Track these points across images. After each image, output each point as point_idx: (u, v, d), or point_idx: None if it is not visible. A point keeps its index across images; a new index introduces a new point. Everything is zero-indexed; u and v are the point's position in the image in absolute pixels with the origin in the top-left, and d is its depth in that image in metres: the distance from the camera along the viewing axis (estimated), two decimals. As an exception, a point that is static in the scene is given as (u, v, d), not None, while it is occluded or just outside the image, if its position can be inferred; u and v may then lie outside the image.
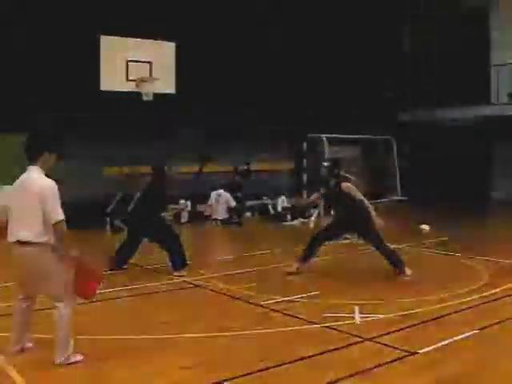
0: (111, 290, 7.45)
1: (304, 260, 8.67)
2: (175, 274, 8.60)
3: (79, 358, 4.91)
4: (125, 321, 6.28)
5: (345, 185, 8.44)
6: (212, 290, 7.70)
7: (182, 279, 8.32)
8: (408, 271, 8.45)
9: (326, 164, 8.73)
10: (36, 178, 4.83)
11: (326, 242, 9.00)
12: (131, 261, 9.18)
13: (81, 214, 11.58)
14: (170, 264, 8.80)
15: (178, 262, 8.73)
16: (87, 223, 12.91)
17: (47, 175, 4.93)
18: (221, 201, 15.54)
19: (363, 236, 8.78)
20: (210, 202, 15.82)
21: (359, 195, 8.36)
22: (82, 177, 14.04)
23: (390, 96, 19.44)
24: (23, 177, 4.93)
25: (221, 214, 15.50)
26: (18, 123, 12.62)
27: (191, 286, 8.01)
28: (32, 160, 4.90)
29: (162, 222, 9.12)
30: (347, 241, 10.68)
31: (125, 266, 9.01)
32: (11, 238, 4.87)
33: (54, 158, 5.00)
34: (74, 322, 4.92)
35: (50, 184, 4.81)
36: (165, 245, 8.91)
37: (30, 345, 5.18)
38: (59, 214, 4.74)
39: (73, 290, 4.94)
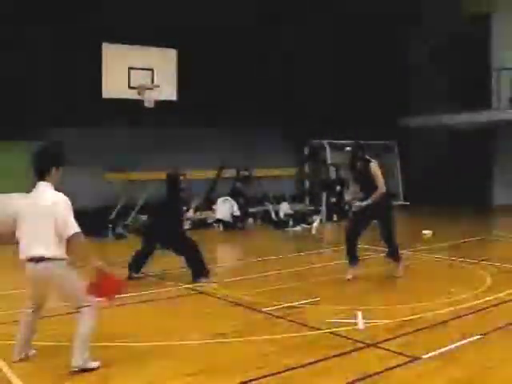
0: (114, 296, 7.44)
1: (353, 264, 8.60)
2: (203, 280, 8.47)
3: (96, 364, 4.89)
4: (128, 328, 6.28)
5: (373, 165, 8.30)
6: (214, 297, 7.71)
7: (184, 286, 8.29)
8: (401, 272, 8.60)
9: (348, 149, 8.53)
10: (47, 193, 4.86)
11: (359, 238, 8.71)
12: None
13: (82, 221, 11.58)
14: (190, 273, 8.66)
15: (198, 271, 8.58)
16: (89, 230, 12.91)
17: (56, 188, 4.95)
18: (227, 205, 15.62)
19: (383, 221, 8.49)
20: (214, 208, 15.88)
21: (381, 179, 8.26)
22: (84, 183, 14.06)
23: (392, 100, 19.42)
24: (33, 193, 4.95)
25: (225, 215, 15.51)
26: (19, 130, 12.71)
27: (194, 292, 8.01)
28: (41, 176, 4.93)
29: (181, 234, 8.94)
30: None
31: (135, 275, 8.86)
32: (23, 256, 4.85)
33: (61, 172, 5.04)
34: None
35: (62, 198, 4.84)
36: (183, 255, 8.74)
37: (34, 352, 5.19)
38: (75, 227, 4.76)
39: (95, 297, 4.94)
